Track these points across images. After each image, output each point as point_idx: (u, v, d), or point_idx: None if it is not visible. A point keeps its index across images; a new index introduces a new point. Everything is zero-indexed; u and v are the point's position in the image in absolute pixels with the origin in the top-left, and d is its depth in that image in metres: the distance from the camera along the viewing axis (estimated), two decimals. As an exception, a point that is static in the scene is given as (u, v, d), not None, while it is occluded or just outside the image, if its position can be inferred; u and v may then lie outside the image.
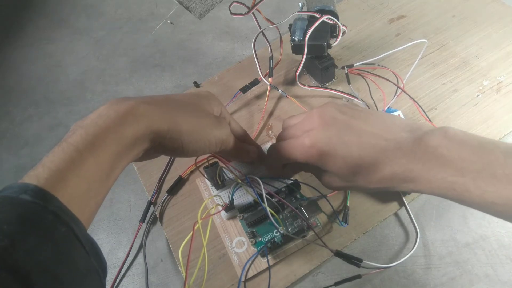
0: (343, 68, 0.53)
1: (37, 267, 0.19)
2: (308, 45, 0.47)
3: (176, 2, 0.39)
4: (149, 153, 0.30)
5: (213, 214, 0.42)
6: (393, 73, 0.53)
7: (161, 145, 0.29)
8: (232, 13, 0.48)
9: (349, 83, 0.52)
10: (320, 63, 0.50)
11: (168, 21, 0.44)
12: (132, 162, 0.51)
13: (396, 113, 0.45)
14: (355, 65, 0.53)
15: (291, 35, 0.48)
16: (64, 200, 0.22)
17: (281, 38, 0.54)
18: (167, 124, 0.29)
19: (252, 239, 0.40)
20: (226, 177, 0.45)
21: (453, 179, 0.28)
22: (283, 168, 0.40)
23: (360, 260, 0.38)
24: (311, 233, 0.41)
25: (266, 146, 0.48)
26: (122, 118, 0.27)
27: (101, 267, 0.23)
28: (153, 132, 0.28)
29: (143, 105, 0.28)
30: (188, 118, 0.31)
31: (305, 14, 0.49)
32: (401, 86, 0.51)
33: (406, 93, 0.49)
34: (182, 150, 0.31)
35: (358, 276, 0.39)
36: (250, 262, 0.40)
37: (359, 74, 0.54)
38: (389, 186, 0.32)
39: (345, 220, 0.42)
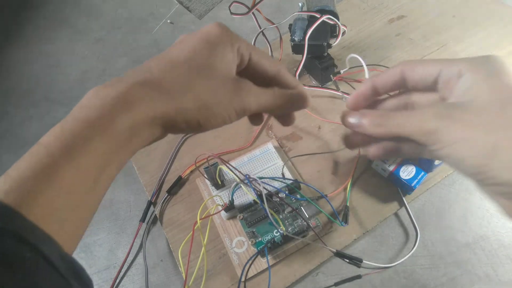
0: (333, 74, 0.52)
1: None
2: (308, 45, 0.47)
3: (176, 2, 0.39)
4: (162, 136, 0.24)
5: (213, 214, 0.42)
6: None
7: (175, 127, 0.23)
8: (232, 13, 0.49)
9: (338, 89, 0.52)
10: (320, 63, 0.50)
11: (168, 21, 0.44)
12: (132, 162, 0.51)
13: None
14: (341, 71, 0.52)
15: (291, 35, 0.49)
16: (33, 218, 0.17)
17: (281, 38, 0.54)
18: (173, 106, 0.22)
19: (252, 239, 0.40)
20: (226, 177, 0.45)
21: None
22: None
23: (360, 260, 0.38)
24: (311, 233, 0.41)
25: (266, 147, 0.48)
26: (111, 107, 0.20)
27: (84, 286, 0.19)
28: (158, 117, 0.22)
29: (139, 87, 0.22)
30: (200, 92, 0.24)
31: (305, 14, 0.49)
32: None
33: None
34: (199, 128, 0.24)
35: (358, 276, 0.39)
36: (250, 262, 0.40)
37: (343, 81, 0.53)
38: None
39: (345, 220, 0.42)
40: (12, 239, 0.17)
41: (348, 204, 0.43)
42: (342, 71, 0.52)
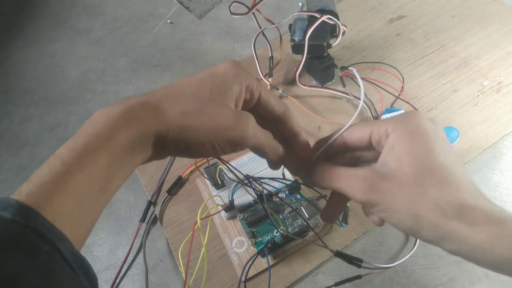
0: (341, 68, 0.53)
1: None
2: (308, 45, 0.47)
3: (176, 2, 0.39)
4: (156, 157, 0.26)
5: (213, 214, 0.42)
6: (393, 75, 0.53)
7: (166, 148, 0.25)
8: (232, 13, 0.49)
9: (344, 86, 0.51)
10: (320, 63, 0.50)
11: (168, 21, 0.44)
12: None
13: (398, 113, 0.45)
14: (349, 67, 0.52)
15: (291, 35, 0.48)
16: (50, 217, 0.20)
17: (281, 38, 0.54)
18: (167, 126, 0.24)
19: (252, 239, 0.40)
20: (226, 177, 0.45)
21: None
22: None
23: (361, 261, 0.38)
24: (311, 233, 0.41)
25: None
26: (114, 123, 0.23)
27: (91, 284, 0.22)
28: (152, 136, 0.24)
29: (140, 106, 0.24)
30: (196, 118, 0.25)
31: (305, 14, 0.49)
32: (399, 91, 0.51)
33: (404, 100, 0.49)
34: (188, 152, 0.26)
35: (358, 277, 0.39)
36: (250, 262, 0.40)
37: (349, 77, 0.53)
38: (443, 227, 0.25)
39: (345, 220, 0.42)
40: (33, 234, 0.19)
41: (348, 204, 0.43)
42: (349, 67, 0.52)
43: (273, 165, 0.32)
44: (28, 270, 0.18)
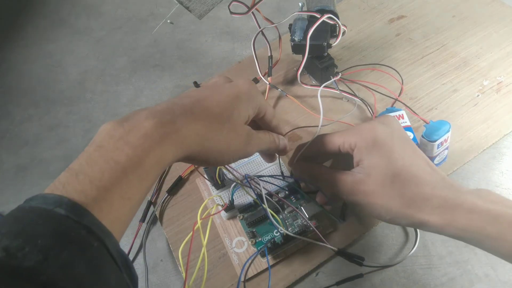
0: (336, 73, 0.52)
1: (70, 282, 0.19)
2: (308, 45, 0.47)
3: (176, 2, 0.39)
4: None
5: (213, 214, 0.42)
6: (392, 76, 0.53)
7: (187, 160, 0.29)
8: (231, 12, 0.48)
9: (338, 90, 0.51)
10: (320, 63, 0.50)
11: (168, 21, 0.44)
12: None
13: (399, 113, 0.45)
14: (340, 73, 0.51)
15: (291, 35, 0.48)
16: (107, 221, 0.22)
17: (280, 38, 0.54)
18: (200, 149, 0.28)
19: (252, 239, 0.40)
20: (226, 177, 0.45)
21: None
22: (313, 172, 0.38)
23: (362, 259, 0.37)
24: (311, 233, 0.41)
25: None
26: (166, 143, 0.26)
27: (132, 282, 0.23)
28: (186, 154, 0.28)
29: (185, 129, 0.27)
30: (221, 140, 0.30)
31: (305, 14, 0.49)
32: (398, 92, 0.51)
33: (401, 102, 0.49)
34: (206, 164, 0.31)
35: (360, 275, 0.39)
36: (249, 262, 0.40)
37: (350, 81, 0.53)
38: (412, 215, 0.32)
39: (343, 216, 0.42)
40: (85, 230, 0.21)
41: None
42: (340, 73, 0.51)
43: (269, 159, 0.41)
44: (78, 262, 0.19)
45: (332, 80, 0.49)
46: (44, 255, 0.18)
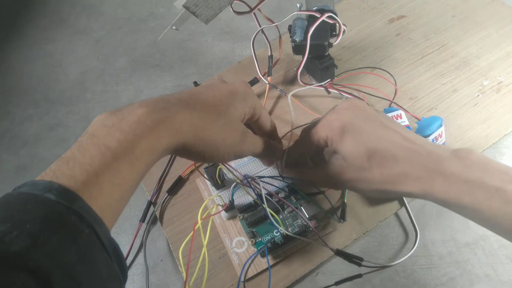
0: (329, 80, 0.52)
1: (59, 269, 0.18)
2: (309, 44, 0.47)
3: (182, 7, 0.39)
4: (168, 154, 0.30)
5: (213, 214, 0.42)
6: (387, 80, 0.53)
7: (183, 152, 0.29)
8: (234, 11, 0.48)
9: (329, 93, 0.52)
10: (320, 63, 0.50)
11: (174, 27, 0.44)
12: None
13: (397, 113, 0.45)
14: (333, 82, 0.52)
15: (291, 36, 0.48)
16: (97, 207, 0.21)
17: (280, 37, 0.54)
18: (195, 138, 0.28)
19: (252, 239, 0.40)
20: (226, 177, 0.45)
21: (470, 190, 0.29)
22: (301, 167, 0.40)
23: (361, 259, 0.37)
24: (311, 233, 0.41)
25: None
26: (159, 129, 0.25)
27: (122, 272, 0.23)
28: (180, 144, 0.27)
29: (178, 117, 0.27)
30: (216, 132, 0.30)
31: (304, 14, 0.49)
32: (393, 95, 0.51)
33: (397, 104, 0.49)
34: (201, 158, 0.30)
35: (359, 275, 0.39)
36: (249, 262, 0.40)
37: (334, 88, 0.52)
38: (394, 189, 0.32)
39: (343, 217, 0.42)
40: (75, 216, 0.20)
41: (345, 201, 0.43)
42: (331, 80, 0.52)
43: (267, 163, 0.42)
44: (68, 249, 0.19)
45: (327, 81, 0.49)
46: (32, 241, 0.18)
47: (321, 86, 0.52)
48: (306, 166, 0.41)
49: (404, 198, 0.43)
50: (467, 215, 0.30)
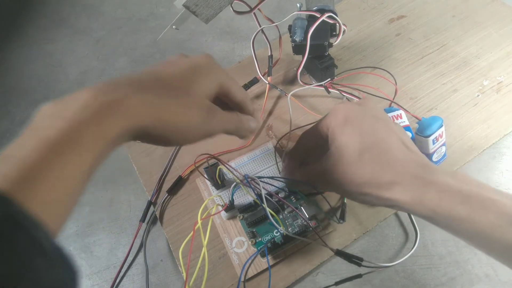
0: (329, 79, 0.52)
1: None
2: (309, 44, 0.47)
3: (182, 7, 0.39)
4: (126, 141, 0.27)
5: (213, 214, 0.42)
6: (387, 79, 0.53)
7: (144, 137, 0.26)
8: (234, 11, 0.48)
9: (329, 93, 0.52)
10: (320, 63, 0.50)
11: (174, 27, 0.44)
12: (132, 162, 0.51)
13: (397, 113, 0.45)
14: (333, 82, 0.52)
15: (291, 36, 0.48)
16: (28, 204, 0.19)
17: (280, 37, 0.54)
18: (153, 120, 0.25)
19: (252, 239, 0.40)
20: (226, 177, 0.45)
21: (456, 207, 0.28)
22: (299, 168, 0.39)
23: (361, 259, 0.37)
24: (311, 233, 0.41)
25: (266, 146, 0.48)
26: (108, 113, 0.23)
27: (70, 276, 0.20)
28: (138, 128, 0.25)
29: (132, 98, 0.24)
30: (179, 112, 0.27)
31: (304, 14, 0.49)
32: (393, 95, 0.51)
33: (398, 104, 0.49)
34: (167, 142, 0.28)
35: (359, 275, 0.39)
36: (249, 262, 0.40)
37: (334, 88, 0.52)
38: (380, 194, 0.31)
39: (343, 217, 0.42)
40: (9, 222, 0.18)
41: (345, 201, 0.43)
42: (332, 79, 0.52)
43: (243, 140, 0.42)
44: (3, 258, 0.17)
45: (327, 81, 0.49)
46: None
47: (321, 86, 0.52)
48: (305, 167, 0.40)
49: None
50: (455, 228, 0.29)
